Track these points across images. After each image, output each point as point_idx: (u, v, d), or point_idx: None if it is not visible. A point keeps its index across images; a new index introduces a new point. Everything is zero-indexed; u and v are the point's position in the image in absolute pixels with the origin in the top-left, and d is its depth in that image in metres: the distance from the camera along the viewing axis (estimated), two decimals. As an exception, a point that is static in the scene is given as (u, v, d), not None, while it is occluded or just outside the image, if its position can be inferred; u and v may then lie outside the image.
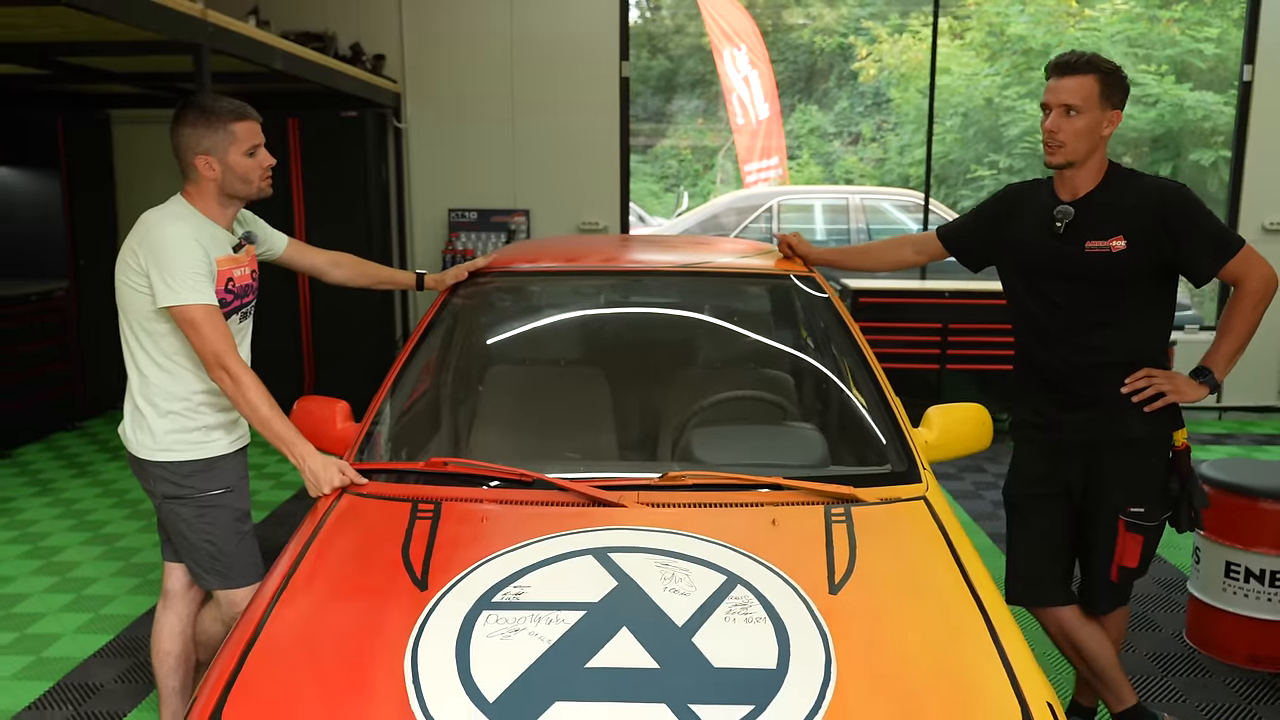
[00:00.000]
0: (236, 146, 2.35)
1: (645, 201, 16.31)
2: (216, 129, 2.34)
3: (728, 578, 1.80)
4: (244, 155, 2.36)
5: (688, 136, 18.90)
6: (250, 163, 2.38)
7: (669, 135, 18.96)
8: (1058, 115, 2.36)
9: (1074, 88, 2.34)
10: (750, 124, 11.37)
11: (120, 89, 5.91)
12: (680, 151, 18.67)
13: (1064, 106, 2.35)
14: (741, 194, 10.33)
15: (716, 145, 17.90)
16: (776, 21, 17.18)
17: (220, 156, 2.34)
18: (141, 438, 2.38)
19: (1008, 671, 1.61)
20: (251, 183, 2.40)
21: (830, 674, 1.56)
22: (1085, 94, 2.34)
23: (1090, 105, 2.34)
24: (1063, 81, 2.36)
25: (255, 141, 2.39)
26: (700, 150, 18.56)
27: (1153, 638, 3.51)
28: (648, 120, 18.47)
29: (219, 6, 5.79)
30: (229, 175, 2.36)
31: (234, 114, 2.35)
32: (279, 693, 1.59)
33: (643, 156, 18.07)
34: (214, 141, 2.34)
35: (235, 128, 2.35)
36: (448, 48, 6.66)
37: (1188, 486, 2.45)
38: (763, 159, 11.60)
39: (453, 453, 2.54)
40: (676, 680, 1.54)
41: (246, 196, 2.43)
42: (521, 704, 1.49)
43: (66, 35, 4.12)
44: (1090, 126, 2.35)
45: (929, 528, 2.03)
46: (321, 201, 6.36)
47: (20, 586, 3.92)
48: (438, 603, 1.74)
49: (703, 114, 18.69)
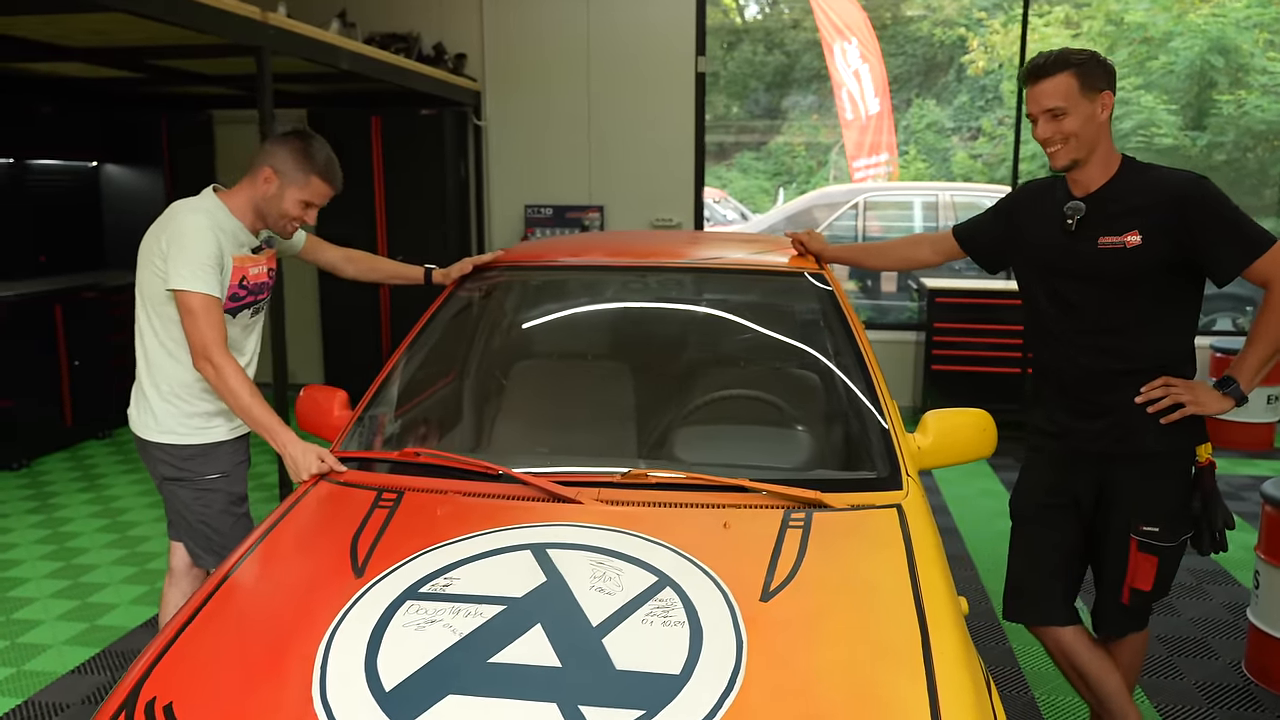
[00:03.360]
0: (302, 193, 2.48)
1: (757, 199, 16.18)
2: (301, 168, 2.46)
3: (659, 579, 1.77)
4: (300, 203, 2.48)
5: (802, 133, 18.63)
6: (296, 211, 2.50)
7: (783, 132, 18.75)
8: (1045, 121, 2.25)
9: (1051, 90, 2.22)
10: (859, 119, 11.13)
11: (217, 90, 6.23)
12: (794, 148, 18.43)
13: (1048, 111, 2.23)
14: (829, 190, 10.14)
15: (831, 142, 17.59)
16: (895, 14, 16.75)
17: (282, 186, 2.46)
18: (144, 419, 2.50)
19: (930, 696, 1.52)
20: (280, 222, 2.52)
21: (735, 684, 1.51)
22: (1065, 92, 2.21)
23: (1074, 101, 2.21)
24: (1039, 87, 2.24)
25: (317, 201, 2.52)
26: (814, 146, 18.27)
27: (1206, 666, 3.26)
28: (762, 116, 18.31)
29: (308, 10, 6.06)
30: (273, 203, 2.48)
31: (324, 172, 2.49)
32: (201, 670, 1.64)
33: (756, 153, 17.92)
34: (290, 172, 2.46)
35: (314, 180, 2.48)
36: (526, 46, 6.76)
37: (1210, 506, 2.26)
38: (871, 155, 11.34)
39: (439, 443, 2.58)
40: (575, 680, 1.52)
41: (267, 225, 2.55)
42: (415, 695, 1.50)
43: (142, 40, 4.36)
44: (1084, 120, 2.22)
45: (893, 538, 1.93)
46: (402, 197, 6.55)
47: (93, 558, 4.19)
48: (367, 591, 1.76)
49: (817, 110, 18.40)
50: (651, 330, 2.93)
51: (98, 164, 6.66)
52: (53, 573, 4.07)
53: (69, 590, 3.90)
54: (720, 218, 14.26)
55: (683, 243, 3.22)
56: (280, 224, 2.52)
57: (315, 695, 1.51)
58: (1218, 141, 9.54)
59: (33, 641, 3.47)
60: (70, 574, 4.05)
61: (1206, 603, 3.75)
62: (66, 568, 4.12)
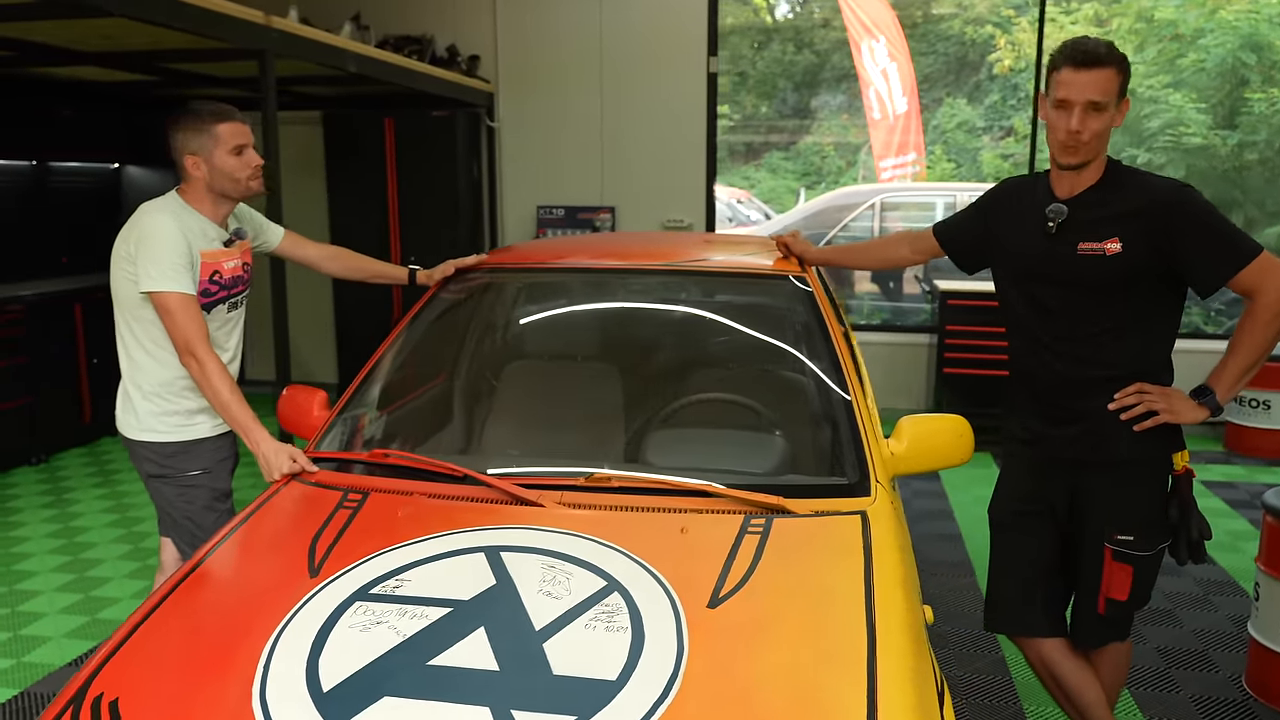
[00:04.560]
0: (221, 146, 2.47)
1: (784, 199, 16.10)
2: (201, 131, 2.47)
3: (608, 584, 1.76)
4: (229, 154, 2.49)
5: (831, 133, 18.52)
6: (236, 161, 2.50)
7: (813, 132, 18.65)
8: (1083, 113, 2.11)
9: (1101, 81, 2.10)
10: (887, 119, 11.03)
11: (233, 93, 6.31)
12: (823, 148, 18.33)
13: (1089, 103, 2.11)
14: (849, 190, 10.06)
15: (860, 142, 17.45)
16: (926, 12, 16.59)
17: (206, 157, 2.47)
18: (128, 418, 2.54)
19: (869, 701, 1.50)
20: (239, 181, 2.52)
21: (670, 691, 1.50)
22: (1109, 88, 2.11)
23: (1112, 100, 2.13)
24: (1088, 74, 2.10)
25: (240, 141, 2.50)
26: (843, 146, 18.15)
27: (1205, 679, 3.19)
28: (791, 116, 18.23)
29: (324, 14, 6.12)
30: (216, 174, 2.48)
31: (217, 116, 2.48)
32: (150, 667, 1.65)
33: (785, 154, 17.84)
34: (200, 143, 2.47)
35: (219, 129, 2.47)
36: (539, 48, 6.77)
37: (1187, 514, 2.21)
38: (899, 155, 11.23)
39: (412, 444, 2.59)
40: (511, 684, 1.52)
41: (237, 195, 2.56)
42: (351, 697, 1.51)
43: (150, 44, 4.42)
44: (1110, 123, 2.15)
45: (852, 545, 1.91)
46: (415, 197, 6.59)
47: (100, 552, 4.26)
48: (319, 591, 1.77)
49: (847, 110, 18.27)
50: (629, 333, 2.93)
51: (119, 166, 6.78)
52: (60, 566, 4.14)
53: (74, 584, 3.97)
54: (743, 218, 14.22)
55: (668, 245, 3.21)
56: (240, 185, 2.51)
57: (255, 694, 1.53)
58: (1249, 140, 9.33)
59: (35, 634, 3.54)
60: (77, 568, 4.13)
61: (1211, 614, 3.67)
62: (74, 562, 4.19)
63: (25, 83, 5.76)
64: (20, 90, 5.92)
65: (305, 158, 6.95)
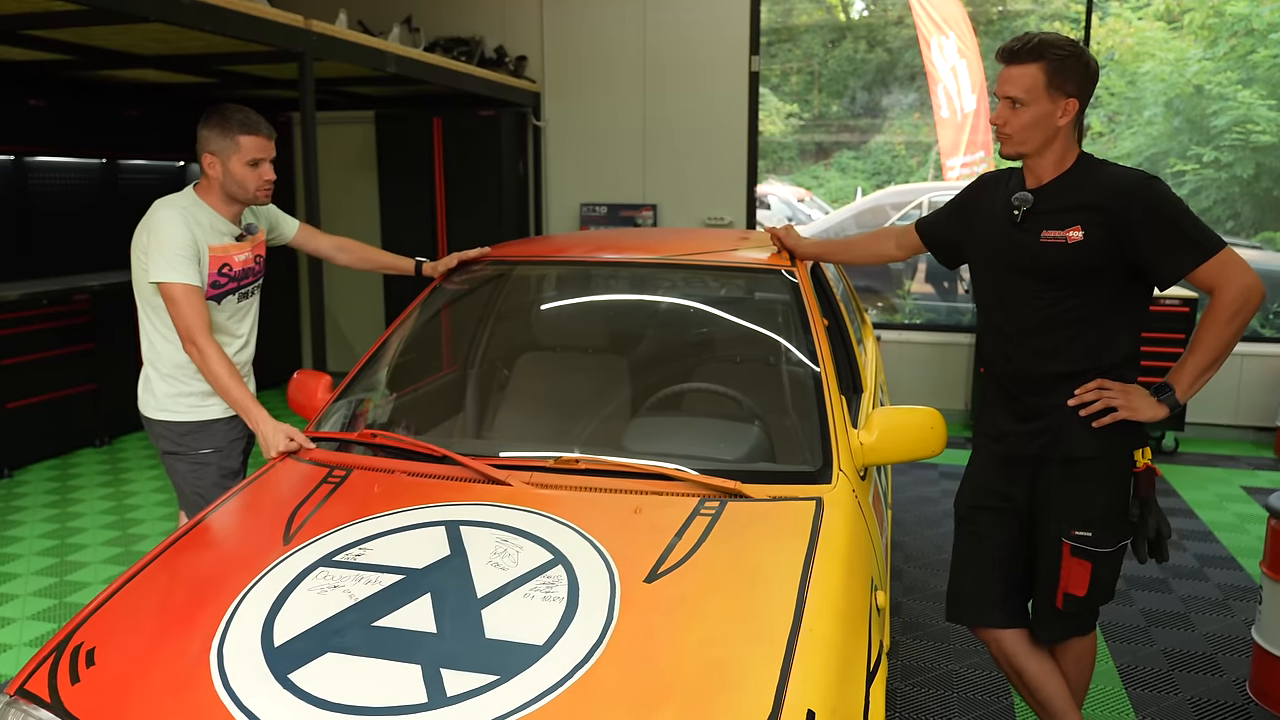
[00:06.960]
0: (239, 156, 2.63)
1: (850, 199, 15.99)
2: (225, 135, 2.62)
3: (554, 557, 1.85)
4: (245, 165, 2.63)
5: (902, 131, 18.30)
6: (249, 173, 2.64)
7: (884, 130, 18.45)
8: (1003, 107, 2.20)
9: (1016, 78, 2.17)
10: (955, 117, 10.89)
11: (290, 94, 6.57)
12: (894, 147, 18.13)
13: (1008, 99, 2.18)
14: (899, 189, 9.98)
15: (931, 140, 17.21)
16: (1003, 9, 16.31)
17: (223, 160, 2.63)
18: (147, 398, 2.72)
19: (782, 673, 1.56)
20: (247, 190, 2.67)
21: (592, 657, 1.59)
22: (1029, 85, 2.15)
23: (1036, 97, 2.15)
24: (1008, 71, 2.19)
25: (258, 155, 2.64)
26: (914, 145, 17.93)
27: (1208, 683, 3.14)
28: (862, 115, 18.07)
29: (374, 16, 6.32)
30: (228, 178, 2.64)
31: (245, 127, 2.63)
32: (128, 620, 1.80)
33: (855, 153, 17.70)
34: (220, 145, 2.62)
35: (242, 139, 2.62)
36: (584, 48, 6.89)
37: (1147, 512, 2.21)
38: (967, 153, 11.07)
39: (404, 427, 2.71)
40: (444, 646, 1.62)
41: (243, 201, 2.71)
42: (296, 651, 1.63)
43: (201, 48, 4.66)
44: (1038, 119, 2.16)
45: (800, 529, 1.97)
46: (462, 194, 6.77)
47: (146, 529, 4.52)
48: (288, 557, 1.90)
49: (919, 108, 18.03)
50: (617, 324, 3.01)
51: (183, 164, 7.11)
52: (109, 540, 4.41)
53: (120, 557, 4.22)
54: (804, 217, 14.21)
55: (666, 239, 3.28)
56: (248, 194, 2.65)
57: (214, 646, 1.66)
58: (1324, 139, 8.97)
59: (78, 601, 3.78)
60: (124, 543, 4.38)
61: (1227, 619, 3.60)
62: (122, 536, 4.45)
63: (94, 85, 6.10)
64: (90, 92, 6.27)
65: (360, 157, 7.20)
